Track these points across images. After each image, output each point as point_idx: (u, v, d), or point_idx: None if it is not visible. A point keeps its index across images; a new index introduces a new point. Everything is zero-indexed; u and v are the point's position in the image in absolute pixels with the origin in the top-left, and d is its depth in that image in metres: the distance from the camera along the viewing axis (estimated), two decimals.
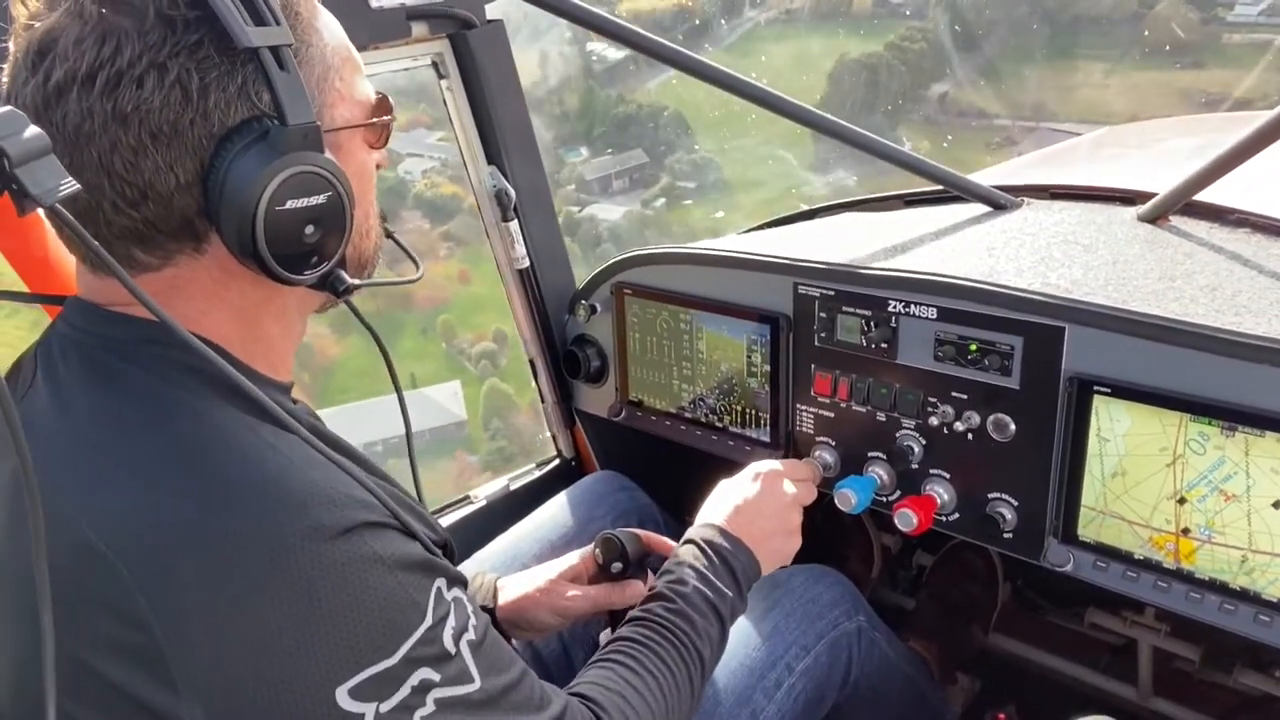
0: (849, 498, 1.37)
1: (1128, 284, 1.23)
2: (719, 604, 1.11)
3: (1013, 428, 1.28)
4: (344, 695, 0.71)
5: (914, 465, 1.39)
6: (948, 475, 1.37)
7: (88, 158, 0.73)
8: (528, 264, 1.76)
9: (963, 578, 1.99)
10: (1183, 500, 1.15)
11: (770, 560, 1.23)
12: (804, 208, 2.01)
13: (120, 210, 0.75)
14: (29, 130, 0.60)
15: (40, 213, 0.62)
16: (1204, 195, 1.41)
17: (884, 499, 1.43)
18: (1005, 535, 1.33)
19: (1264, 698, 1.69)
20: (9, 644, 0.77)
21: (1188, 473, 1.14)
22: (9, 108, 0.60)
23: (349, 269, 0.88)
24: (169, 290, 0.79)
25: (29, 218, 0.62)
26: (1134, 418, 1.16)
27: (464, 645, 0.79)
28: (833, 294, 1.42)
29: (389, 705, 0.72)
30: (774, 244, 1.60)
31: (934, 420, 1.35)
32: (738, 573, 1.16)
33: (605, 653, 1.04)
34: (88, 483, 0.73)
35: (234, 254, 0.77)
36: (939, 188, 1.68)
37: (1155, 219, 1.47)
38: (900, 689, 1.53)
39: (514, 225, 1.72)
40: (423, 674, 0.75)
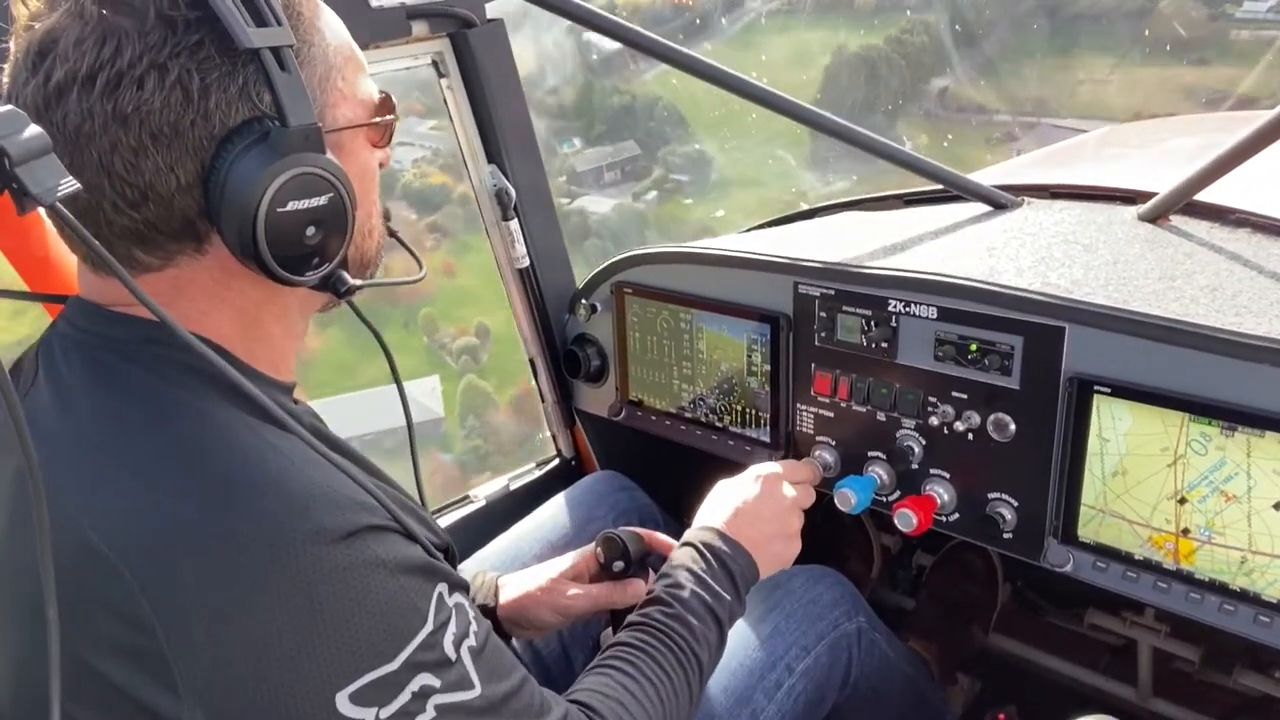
0: (849, 498, 1.37)
1: (1128, 284, 1.23)
2: (717, 608, 1.10)
3: (1013, 428, 1.27)
4: (344, 700, 0.70)
5: (914, 465, 1.39)
6: (947, 475, 1.37)
7: (88, 158, 0.73)
8: (528, 263, 1.76)
9: (963, 578, 1.99)
10: (1183, 500, 1.15)
11: (769, 564, 1.21)
12: (804, 207, 2.00)
13: (121, 211, 0.75)
14: (29, 129, 0.60)
15: (41, 212, 0.62)
16: (1205, 195, 1.41)
17: (884, 499, 1.43)
18: (1005, 535, 1.33)
19: (1264, 698, 1.69)
20: (9, 644, 0.77)
21: (1189, 473, 1.14)
22: (9, 107, 0.60)
23: (351, 269, 0.88)
24: (170, 291, 0.79)
25: (29, 217, 0.62)
26: (1136, 417, 1.16)
27: (465, 651, 0.79)
28: (833, 293, 1.42)
29: (389, 710, 0.72)
30: (774, 243, 1.60)
31: (934, 420, 1.35)
32: (736, 576, 1.14)
33: (603, 659, 1.03)
34: (89, 483, 0.73)
35: (235, 255, 0.77)
36: (939, 187, 1.67)
37: (1156, 219, 1.47)
38: (900, 689, 1.53)
39: (514, 224, 1.72)
40: (423, 679, 0.74)
